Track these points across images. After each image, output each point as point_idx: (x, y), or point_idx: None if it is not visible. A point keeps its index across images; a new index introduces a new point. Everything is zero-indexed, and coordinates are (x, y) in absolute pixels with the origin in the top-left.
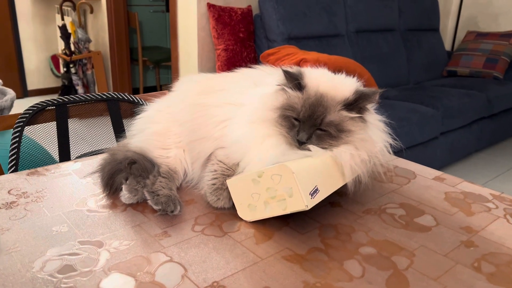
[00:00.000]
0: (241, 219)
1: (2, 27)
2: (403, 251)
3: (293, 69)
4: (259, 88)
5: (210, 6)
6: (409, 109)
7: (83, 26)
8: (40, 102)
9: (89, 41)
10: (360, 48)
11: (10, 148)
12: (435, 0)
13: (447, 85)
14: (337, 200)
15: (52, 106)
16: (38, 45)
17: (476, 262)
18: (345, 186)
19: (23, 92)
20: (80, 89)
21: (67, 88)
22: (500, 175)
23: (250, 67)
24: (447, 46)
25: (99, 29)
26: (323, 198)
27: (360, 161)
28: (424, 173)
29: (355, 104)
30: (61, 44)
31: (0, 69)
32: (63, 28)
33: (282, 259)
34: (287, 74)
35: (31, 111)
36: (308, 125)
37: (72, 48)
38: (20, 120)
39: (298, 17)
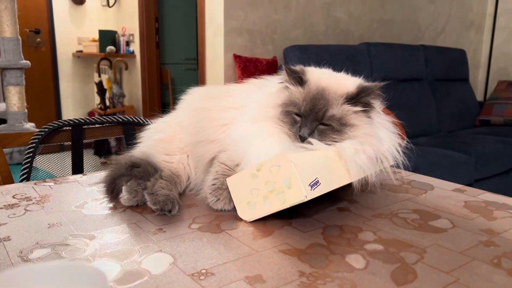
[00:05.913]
0: (241, 220)
1: (45, 86)
2: (413, 248)
3: (296, 66)
4: (262, 90)
5: (236, 57)
6: (439, 154)
7: (118, 82)
8: (56, 121)
9: (123, 96)
10: (386, 96)
11: (23, 163)
12: (462, 51)
13: (480, 133)
14: (346, 206)
15: (68, 126)
16: (76, 102)
17: (496, 259)
18: (352, 188)
19: (59, 146)
20: (112, 142)
21: (100, 140)
22: None
23: (259, 78)
24: (479, 97)
25: (133, 85)
26: (324, 192)
27: (366, 158)
28: (443, 185)
29: (358, 98)
30: (97, 100)
31: (40, 125)
32: (99, 84)
33: (279, 252)
34: (288, 69)
35: (46, 130)
36: (310, 119)
37: (107, 103)
38: (35, 137)
39: (322, 66)
